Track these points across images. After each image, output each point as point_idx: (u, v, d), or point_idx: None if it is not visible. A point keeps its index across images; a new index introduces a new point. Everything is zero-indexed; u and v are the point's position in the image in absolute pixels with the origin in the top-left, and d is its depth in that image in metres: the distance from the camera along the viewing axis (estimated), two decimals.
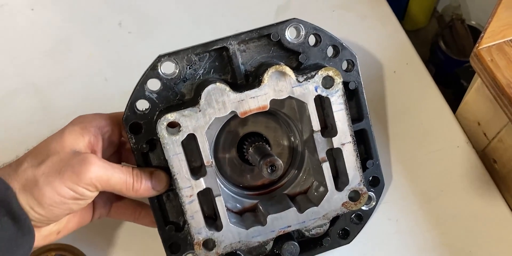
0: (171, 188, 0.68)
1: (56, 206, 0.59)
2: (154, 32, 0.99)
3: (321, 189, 0.72)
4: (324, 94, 0.65)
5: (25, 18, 1.00)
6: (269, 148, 0.72)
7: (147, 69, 0.63)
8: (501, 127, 0.84)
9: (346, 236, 0.78)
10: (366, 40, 0.98)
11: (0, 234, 0.56)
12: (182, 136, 0.62)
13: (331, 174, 0.69)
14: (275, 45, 0.68)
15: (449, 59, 1.64)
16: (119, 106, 0.68)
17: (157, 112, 0.65)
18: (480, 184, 0.85)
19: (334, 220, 0.76)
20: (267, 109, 0.64)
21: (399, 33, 0.99)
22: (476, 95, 0.88)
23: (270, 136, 0.75)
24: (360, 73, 0.71)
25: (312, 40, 0.69)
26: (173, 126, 0.63)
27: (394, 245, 0.82)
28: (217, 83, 0.61)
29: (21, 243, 0.58)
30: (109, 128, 0.65)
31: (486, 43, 0.80)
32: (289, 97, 0.65)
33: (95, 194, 0.62)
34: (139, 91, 0.64)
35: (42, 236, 0.64)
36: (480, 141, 0.90)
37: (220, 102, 0.62)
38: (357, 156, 0.70)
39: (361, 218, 0.78)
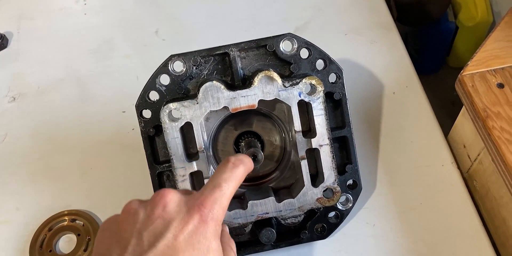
0: (170, 169, 0.78)
1: None
2: (184, 42, 1.13)
3: (300, 184, 0.80)
4: (306, 99, 0.75)
5: (79, 20, 1.19)
6: (258, 143, 0.80)
7: (160, 66, 0.75)
8: (480, 149, 0.89)
9: (323, 232, 0.85)
10: (372, 62, 1.07)
11: None
12: (180, 123, 0.73)
13: (308, 171, 0.77)
14: (271, 55, 0.78)
15: None
16: None
17: (164, 103, 0.76)
18: (458, 202, 0.89)
19: (312, 216, 0.83)
20: (255, 107, 0.74)
21: (404, 59, 1.07)
22: (462, 119, 0.93)
23: (264, 136, 0.83)
24: (345, 85, 0.79)
25: (305, 53, 0.78)
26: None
27: (368, 246, 0.87)
28: (214, 81, 0.72)
29: None
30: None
31: (470, 70, 0.87)
32: (278, 101, 0.76)
33: None
34: (151, 83, 0.76)
35: None
36: (465, 163, 0.95)
37: (215, 97, 0.73)
38: (333, 158, 0.77)
39: (338, 217, 0.85)
